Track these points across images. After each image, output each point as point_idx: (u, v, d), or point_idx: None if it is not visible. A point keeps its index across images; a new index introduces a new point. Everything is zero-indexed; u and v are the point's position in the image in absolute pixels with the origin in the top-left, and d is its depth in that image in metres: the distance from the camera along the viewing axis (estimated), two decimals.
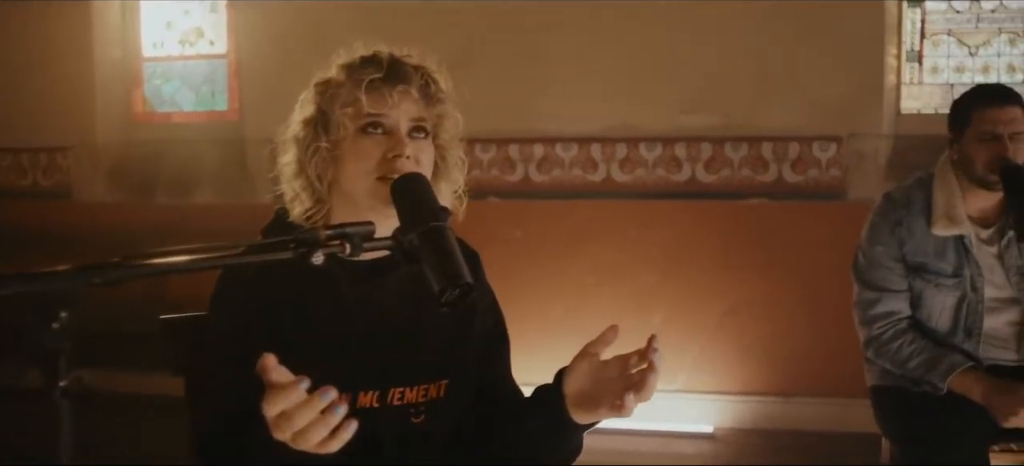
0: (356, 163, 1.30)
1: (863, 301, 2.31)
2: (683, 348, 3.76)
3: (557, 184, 3.81)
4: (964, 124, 2.20)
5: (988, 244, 2.23)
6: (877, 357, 2.31)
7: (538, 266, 3.81)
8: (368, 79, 1.31)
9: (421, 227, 1.10)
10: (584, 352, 1.32)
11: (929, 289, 2.23)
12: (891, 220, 2.26)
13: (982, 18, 3.73)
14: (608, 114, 3.74)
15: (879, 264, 2.27)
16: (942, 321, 2.25)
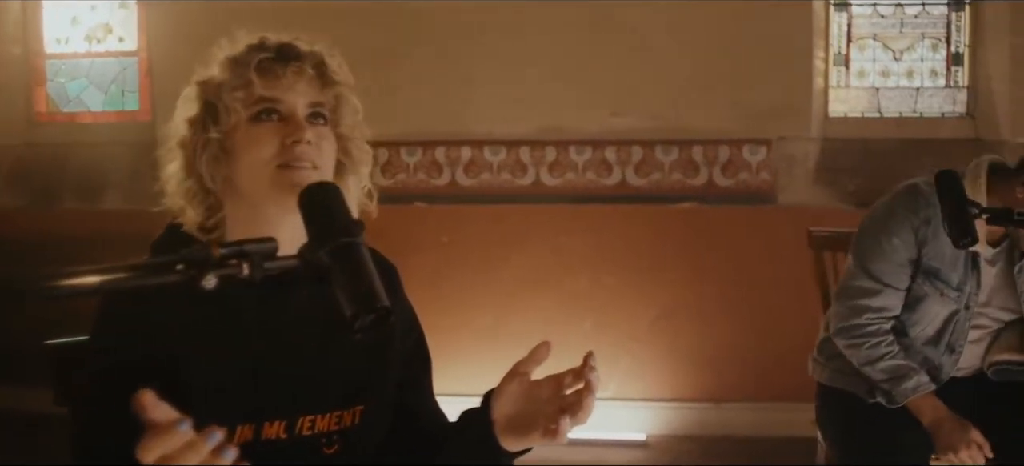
0: (251, 153, 1.22)
1: (859, 288, 2.25)
2: (614, 355, 3.80)
3: (485, 188, 3.81)
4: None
5: (991, 264, 2.25)
6: (847, 347, 2.27)
7: (466, 272, 3.81)
8: (258, 59, 1.24)
9: (331, 243, 1.00)
10: (513, 372, 1.26)
11: (932, 296, 2.21)
12: (919, 218, 2.18)
13: (906, 23, 3.87)
14: (537, 116, 3.76)
15: (890, 259, 2.20)
16: (930, 329, 2.26)
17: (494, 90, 3.75)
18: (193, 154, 1.25)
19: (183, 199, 1.26)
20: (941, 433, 2.13)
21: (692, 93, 3.70)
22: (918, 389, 2.18)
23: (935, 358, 2.27)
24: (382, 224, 4.18)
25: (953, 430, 2.12)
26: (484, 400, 1.29)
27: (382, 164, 3.81)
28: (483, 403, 1.29)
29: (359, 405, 1.31)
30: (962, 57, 3.85)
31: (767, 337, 3.65)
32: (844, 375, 2.32)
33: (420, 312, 1.56)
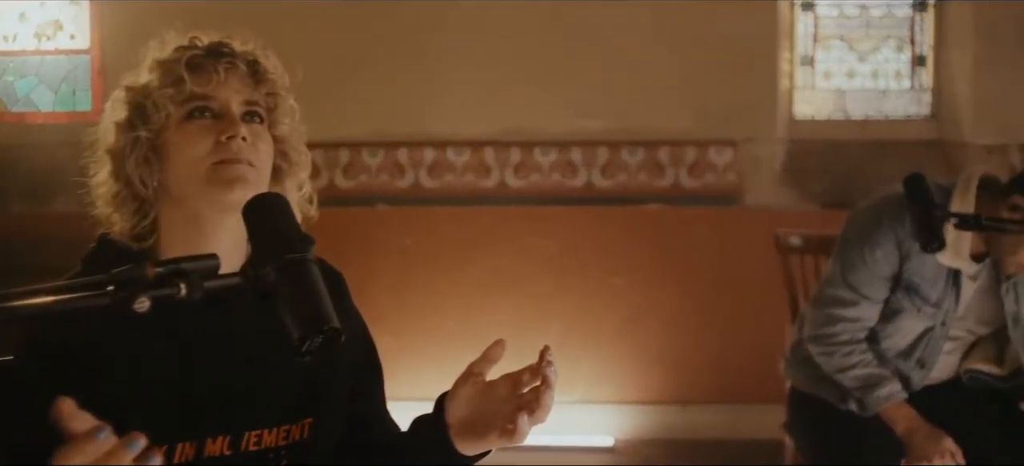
0: (184, 153, 1.18)
1: (837, 298, 2.25)
2: (581, 358, 3.80)
3: (449, 190, 3.80)
4: None
5: (972, 280, 2.25)
6: (820, 354, 2.28)
7: (430, 275, 3.79)
8: (189, 55, 1.21)
9: (278, 260, 0.94)
10: (467, 373, 1.23)
11: (909, 311, 2.22)
12: (904, 231, 2.17)
13: (871, 24, 3.92)
14: (502, 117, 3.76)
15: (870, 270, 2.21)
16: (902, 342, 2.27)
17: (457, 90, 3.75)
18: (122, 158, 1.21)
19: (111, 206, 1.22)
20: (914, 442, 2.14)
21: (658, 94, 3.72)
22: (891, 397, 2.19)
23: (905, 371, 2.28)
24: (344, 226, 4.18)
25: (926, 439, 2.13)
26: (437, 404, 1.26)
27: (343, 165, 3.79)
28: (436, 407, 1.25)
29: (308, 418, 1.27)
30: (926, 59, 3.92)
31: (734, 338, 3.68)
32: (816, 380, 2.33)
33: (383, 316, 1.55)
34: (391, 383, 3.93)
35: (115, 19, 3.85)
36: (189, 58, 1.21)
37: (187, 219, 1.21)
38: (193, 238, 1.20)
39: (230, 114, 1.21)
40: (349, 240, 3.77)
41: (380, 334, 4.08)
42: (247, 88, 1.24)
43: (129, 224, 1.21)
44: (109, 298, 0.86)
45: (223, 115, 1.20)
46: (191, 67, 1.20)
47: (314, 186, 1.40)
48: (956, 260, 2.18)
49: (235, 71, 1.22)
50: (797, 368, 2.41)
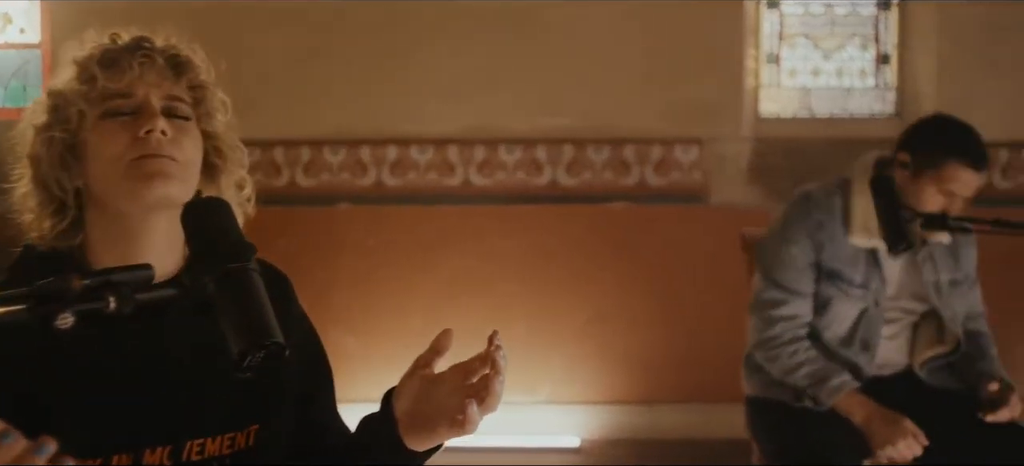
0: (102, 151, 1.14)
1: (767, 300, 2.32)
2: (547, 358, 3.80)
3: (412, 188, 3.78)
4: (930, 165, 2.18)
5: (895, 257, 2.30)
6: (767, 359, 2.33)
7: (393, 276, 3.77)
8: (102, 51, 1.18)
9: (217, 270, 0.90)
10: (414, 366, 1.18)
11: (838, 297, 2.28)
12: (812, 222, 2.28)
13: (836, 22, 3.97)
14: (465, 115, 3.75)
15: (792, 265, 2.29)
16: (841, 330, 2.32)
17: (420, 88, 3.73)
18: (38, 162, 1.17)
19: (34, 213, 1.19)
20: (873, 429, 2.17)
21: (623, 92, 3.73)
22: (842, 387, 2.22)
23: (851, 358, 2.32)
24: (306, 226, 4.14)
25: (885, 424, 2.16)
26: (385, 400, 1.21)
27: (305, 164, 3.76)
28: (384, 403, 1.21)
29: (253, 425, 1.23)
30: (890, 58, 3.97)
31: (700, 337, 3.70)
32: (771, 385, 2.37)
33: (347, 317, 1.54)
34: (356, 384, 3.90)
35: (66, 14, 3.79)
36: (102, 54, 1.18)
37: (114, 221, 1.17)
38: (122, 240, 1.18)
39: (148, 109, 1.16)
40: (311, 240, 3.75)
41: (343, 335, 4.08)
42: (167, 82, 1.19)
43: (54, 230, 1.18)
44: (28, 314, 0.81)
45: (141, 111, 1.16)
46: (104, 63, 1.17)
47: (275, 185, 1.37)
48: (868, 239, 2.25)
49: (152, 65, 1.18)
50: (751, 375, 2.45)
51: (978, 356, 2.38)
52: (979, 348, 2.40)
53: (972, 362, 2.37)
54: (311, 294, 4.05)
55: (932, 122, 2.37)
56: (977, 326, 2.45)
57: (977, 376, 2.32)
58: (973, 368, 2.36)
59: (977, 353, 2.39)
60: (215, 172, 1.25)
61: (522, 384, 3.81)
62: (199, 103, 1.23)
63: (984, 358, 2.38)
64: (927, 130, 2.30)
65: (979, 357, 2.38)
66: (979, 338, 2.43)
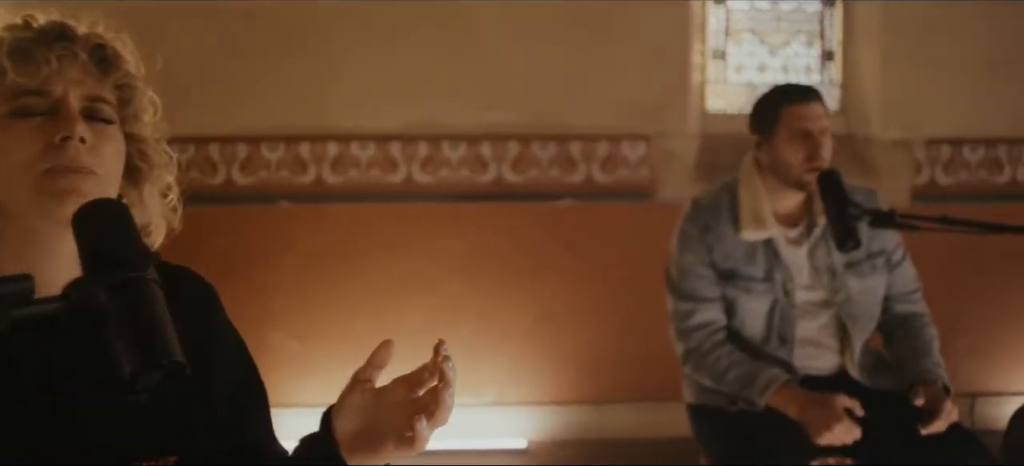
0: (9, 156, 1.02)
1: (679, 313, 2.37)
2: (494, 359, 3.78)
3: (353, 186, 3.74)
4: (773, 123, 2.28)
5: (796, 244, 2.33)
6: (695, 371, 2.36)
7: (335, 277, 3.72)
8: (14, 37, 1.04)
9: (109, 281, 0.83)
10: (354, 381, 1.11)
11: (742, 296, 2.31)
12: (699, 226, 2.33)
13: (782, 18, 4.03)
14: (408, 110, 3.71)
15: (691, 273, 2.33)
16: (755, 328, 2.33)
17: (361, 82, 3.68)
18: None
19: None
20: (809, 418, 2.16)
21: (569, 87, 3.73)
22: (772, 381, 2.23)
23: (773, 354, 2.33)
24: (244, 226, 4.06)
25: (820, 410, 2.16)
26: (324, 419, 1.13)
27: (241, 161, 3.69)
28: (323, 422, 1.12)
29: (171, 455, 1.11)
30: (835, 54, 4.04)
31: (647, 336, 3.68)
32: (707, 391, 2.38)
33: (287, 320, 1.49)
34: (298, 389, 3.87)
35: None
36: (14, 42, 1.04)
37: (20, 232, 1.05)
38: (28, 253, 1.06)
39: (65, 111, 1.03)
40: (249, 240, 3.68)
41: (284, 339, 4.02)
42: (90, 80, 1.06)
43: None
44: None
45: (57, 112, 1.03)
46: (16, 54, 1.03)
47: (210, 183, 1.31)
48: (758, 231, 2.28)
49: (74, 59, 1.05)
50: (688, 382, 2.47)
51: (911, 350, 2.36)
52: (912, 335, 2.39)
53: (904, 356, 2.37)
54: (250, 296, 4.02)
55: (760, 98, 2.44)
56: (910, 307, 2.45)
57: (909, 376, 2.30)
58: (906, 364, 2.35)
59: (910, 344, 2.38)
60: (138, 178, 1.14)
61: (468, 386, 3.79)
62: (125, 104, 1.11)
63: (917, 352, 2.35)
64: (758, 105, 2.40)
65: (912, 351, 2.36)
66: (912, 321, 2.42)
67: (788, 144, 2.25)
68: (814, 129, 2.26)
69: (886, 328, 2.45)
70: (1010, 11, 3.85)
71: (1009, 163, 3.96)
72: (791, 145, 2.25)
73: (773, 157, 2.29)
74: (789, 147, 2.25)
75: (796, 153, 2.24)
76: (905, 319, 2.44)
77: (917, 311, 2.46)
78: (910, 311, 2.45)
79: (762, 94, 2.45)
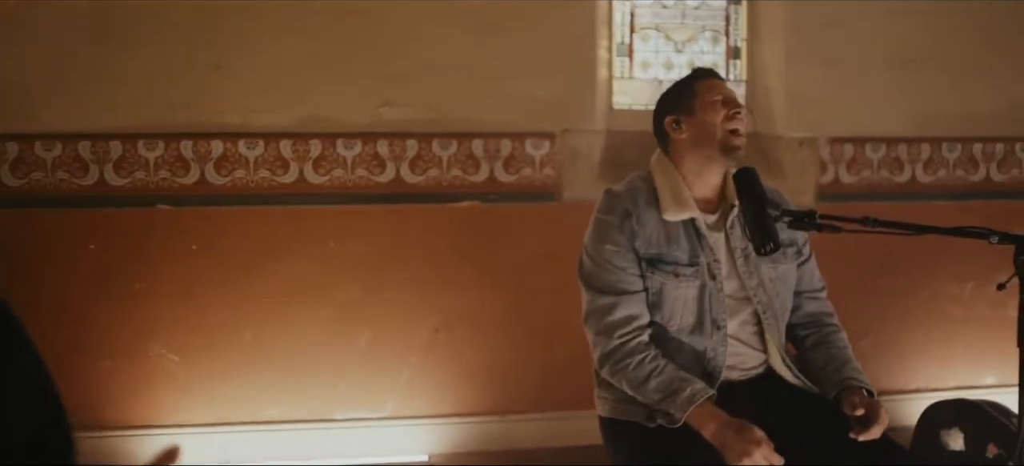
0: None
1: (598, 309, 2.28)
2: (393, 371, 3.69)
3: (241, 187, 3.59)
4: (690, 98, 2.30)
5: (715, 230, 2.31)
6: (614, 375, 2.28)
7: (221, 284, 3.57)
8: None
9: None
10: None
11: (669, 282, 2.26)
12: (619, 213, 2.27)
13: (687, 14, 4.05)
14: (299, 106, 3.58)
15: (611, 264, 2.26)
16: (687, 316, 2.28)
17: (248, 75, 3.53)
18: None
19: None
20: (726, 441, 2.11)
21: (471, 82, 3.66)
22: (694, 397, 2.16)
23: (703, 345, 2.29)
24: (117, 230, 3.85)
25: (737, 436, 2.10)
26: None
27: (115, 160, 3.50)
28: None
29: None
30: (740, 51, 4.09)
31: (553, 343, 3.67)
32: (623, 404, 2.31)
33: (167, 333, 1.37)
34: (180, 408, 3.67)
35: None
36: None
37: None
38: None
39: None
40: (124, 246, 3.49)
41: (164, 353, 3.82)
42: None
43: None
44: None
45: None
46: None
47: (81, 183, 1.19)
48: (681, 211, 2.27)
49: None
50: (600, 393, 2.40)
51: (829, 357, 2.35)
52: (826, 341, 2.39)
53: (823, 363, 2.35)
54: (126, 307, 3.81)
55: (668, 88, 2.45)
56: (819, 306, 2.46)
57: (834, 384, 2.28)
58: (828, 371, 2.33)
59: (826, 350, 2.37)
60: None
61: (365, 400, 3.69)
62: None
63: (836, 359, 2.34)
64: (670, 91, 2.41)
65: (830, 358, 2.35)
66: (824, 323, 2.43)
67: (709, 109, 2.28)
68: (731, 95, 2.32)
69: (797, 329, 2.46)
70: (910, 10, 3.97)
71: (909, 162, 4.07)
72: (712, 109, 2.27)
73: (695, 130, 2.29)
74: (710, 111, 2.27)
75: (717, 113, 2.27)
76: (816, 318, 2.45)
77: (827, 310, 2.47)
78: (819, 309, 2.46)
79: (669, 87, 2.45)
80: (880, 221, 2.02)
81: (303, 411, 3.62)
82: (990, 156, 4.16)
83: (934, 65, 4.01)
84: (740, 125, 2.27)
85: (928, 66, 4.00)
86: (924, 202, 4.06)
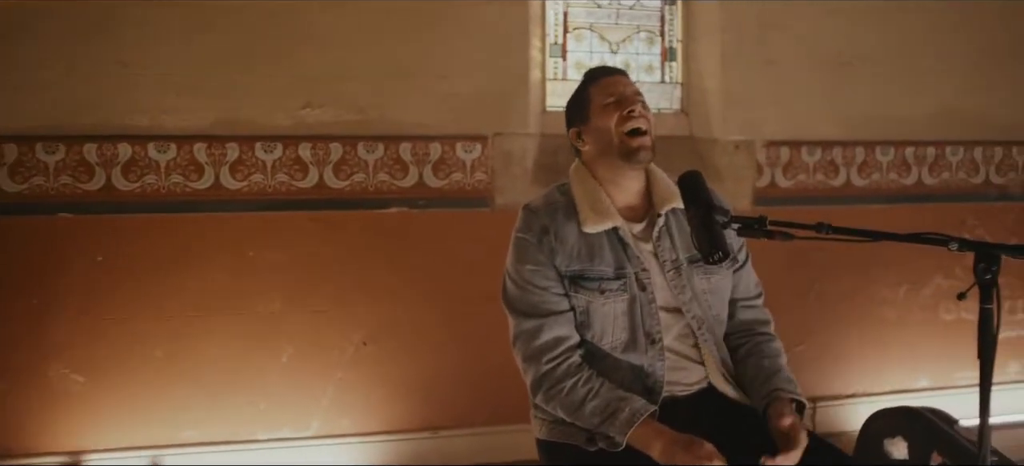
0: None
1: (524, 333, 2.18)
2: (318, 387, 3.53)
3: (151, 193, 3.38)
4: (585, 105, 2.21)
5: (643, 240, 2.21)
6: (548, 402, 2.17)
7: (129, 297, 3.35)
8: None
9: None
10: None
11: (596, 300, 2.15)
12: (536, 231, 2.17)
13: (622, 14, 3.97)
14: (214, 107, 3.39)
15: (533, 285, 2.16)
16: (618, 333, 2.18)
17: (158, 74, 3.33)
18: None
19: None
20: (675, 458, 2.02)
21: (398, 83, 3.52)
22: (635, 416, 2.07)
23: (640, 361, 2.19)
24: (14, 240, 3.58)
25: (687, 452, 2.01)
26: None
27: (11, 164, 3.26)
28: None
29: None
30: (676, 53, 4.03)
31: (487, 354, 3.53)
32: (560, 426, 2.20)
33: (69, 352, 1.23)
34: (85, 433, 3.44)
35: None
36: None
37: None
38: None
39: None
40: (20, 258, 3.27)
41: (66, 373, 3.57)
42: None
43: None
44: None
45: None
46: None
47: None
48: (602, 221, 2.17)
49: None
50: (536, 415, 2.29)
51: (759, 367, 2.27)
52: (759, 350, 2.31)
53: (754, 374, 2.27)
54: (23, 324, 3.57)
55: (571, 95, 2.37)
56: (754, 313, 2.37)
57: (763, 395, 2.20)
58: (758, 381, 2.24)
59: (757, 361, 2.28)
60: None
61: (288, 419, 3.53)
62: None
63: (766, 369, 2.26)
64: (570, 100, 2.32)
65: (761, 369, 2.26)
66: (758, 332, 2.34)
67: (602, 114, 2.18)
68: (625, 92, 2.20)
69: (730, 338, 2.37)
70: (847, 11, 3.96)
71: (844, 165, 4.06)
72: (605, 112, 2.18)
73: (593, 139, 2.20)
74: (603, 115, 2.17)
75: (611, 117, 2.17)
76: (751, 327, 2.36)
77: (762, 317, 2.38)
78: (753, 317, 2.37)
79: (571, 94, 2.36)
80: (835, 228, 1.93)
81: (221, 432, 3.43)
82: (922, 160, 4.18)
83: (869, 68, 4.01)
84: (639, 123, 2.15)
85: (863, 69, 4.00)
86: (858, 206, 4.06)
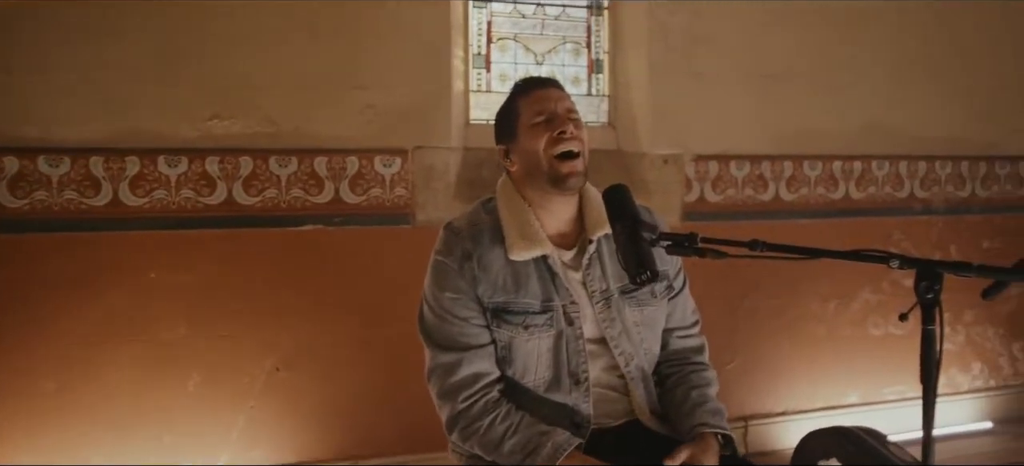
0: None
1: (440, 367, 2.03)
2: (227, 419, 3.33)
3: (41, 210, 3.15)
4: (514, 122, 2.05)
5: (573, 269, 2.07)
6: (464, 439, 2.03)
7: (16, 327, 3.10)
8: None
9: None
10: None
11: (519, 336, 2.01)
12: (458, 255, 2.01)
13: (547, 25, 3.86)
14: (111, 117, 3.17)
15: (453, 316, 2.01)
16: (541, 371, 2.04)
17: (47, 81, 3.11)
18: None
19: None
20: None
21: (312, 93, 3.35)
22: (559, 450, 1.94)
23: (565, 400, 2.06)
24: None
25: None
26: None
27: None
28: None
29: None
30: (603, 64, 3.92)
31: (407, 380, 3.34)
32: (480, 462, 2.07)
33: None
34: None
35: None
36: None
37: None
38: None
39: None
40: None
41: None
42: None
43: None
44: None
45: None
46: None
47: None
48: (530, 249, 2.02)
49: None
50: (454, 447, 2.14)
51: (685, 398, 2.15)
52: (686, 380, 2.19)
53: (679, 404, 2.15)
54: None
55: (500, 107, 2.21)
56: (688, 342, 2.25)
57: (686, 429, 2.09)
58: (681, 413, 2.13)
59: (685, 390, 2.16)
60: None
61: (197, 451, 3.32)
62: None
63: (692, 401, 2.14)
64: (498, 113, 2.15)
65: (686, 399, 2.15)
66: (690, 361, 2.23)
67: (530, 134, 2.01)
68: (556, 109, 2.03)
69: (660, 366, 2.23)
70: (775, 23, 3.91)
71: (772, 180, 4.01)
72: (533, 131, 2.00)
73: (521, 160, 2.03)
74: (531, 136, 2.00)
75: (539, 138, 1.99)
76: (684, 356, 2.24)
77: (695, 345, 2.26)
78: (688, 346, 2.25)
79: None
80: (770, 245, 1.82)
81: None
82: (849, 174, 4.16)
83: (796, 82, 3.97)
84: (570, 145, 1.99)
85: (791, 83, 3.96)
86: (787, 220, 4.01)
